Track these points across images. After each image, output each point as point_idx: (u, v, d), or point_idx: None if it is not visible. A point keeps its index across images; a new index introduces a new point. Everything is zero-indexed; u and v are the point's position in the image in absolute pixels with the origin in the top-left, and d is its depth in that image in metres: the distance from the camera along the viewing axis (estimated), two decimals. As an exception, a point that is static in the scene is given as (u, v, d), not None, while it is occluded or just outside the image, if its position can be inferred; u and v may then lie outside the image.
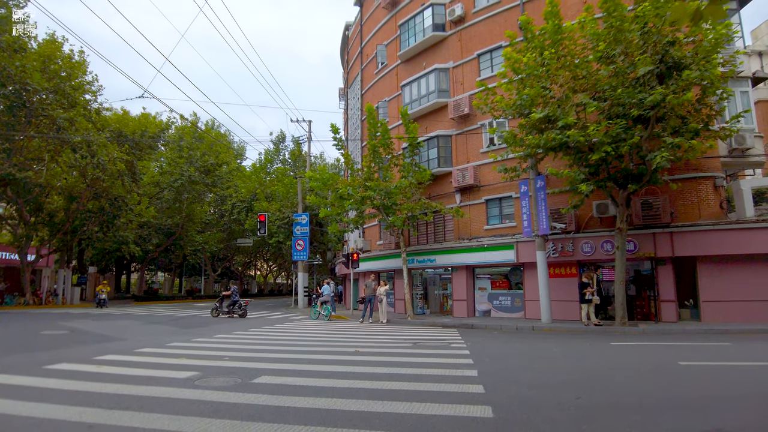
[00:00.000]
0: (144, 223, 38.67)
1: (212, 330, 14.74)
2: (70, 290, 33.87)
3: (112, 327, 15.56)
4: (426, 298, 23.87)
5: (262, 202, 38.23)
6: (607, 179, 15.39)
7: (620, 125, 13.66)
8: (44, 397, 5.66)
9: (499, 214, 20.66)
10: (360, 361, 8.52)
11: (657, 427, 4.70)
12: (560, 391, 6.26)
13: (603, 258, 17.70)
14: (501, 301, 20.46)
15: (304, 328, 16.01)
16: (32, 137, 26.28)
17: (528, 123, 15.35)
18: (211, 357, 8.89)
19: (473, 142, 21.62)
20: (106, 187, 30.66)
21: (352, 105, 33.65)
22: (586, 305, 15.86)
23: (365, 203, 20.89)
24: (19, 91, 23.46)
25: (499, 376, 7.26)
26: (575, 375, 7.54)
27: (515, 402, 5.62)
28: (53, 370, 7.42)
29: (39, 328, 14.60)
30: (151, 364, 8.10)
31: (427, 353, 9.65)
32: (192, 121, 43.90)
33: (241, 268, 69.04)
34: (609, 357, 9.56)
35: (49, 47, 26.75)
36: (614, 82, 14.25)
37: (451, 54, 23.09)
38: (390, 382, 6.64)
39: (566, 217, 18.06)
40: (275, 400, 5.57)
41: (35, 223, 30.54)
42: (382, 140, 20.71)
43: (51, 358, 8.56)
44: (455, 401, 5.55)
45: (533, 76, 15.34)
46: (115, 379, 6.69)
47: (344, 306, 32.12)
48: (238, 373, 7.28)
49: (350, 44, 35.27)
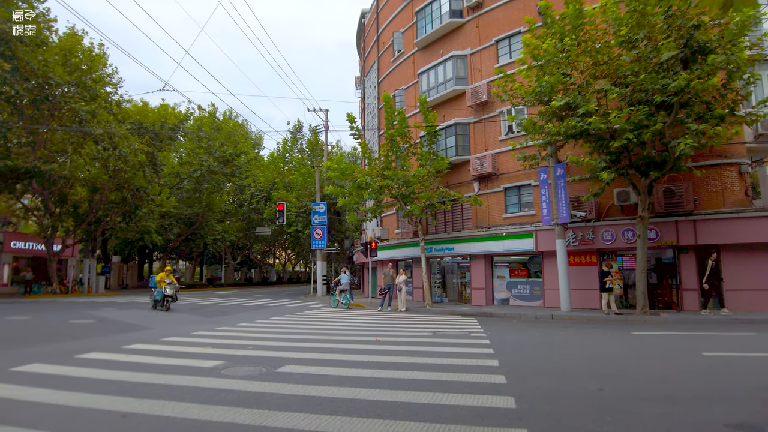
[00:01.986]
0: (165, 213, 39.31)
1: (234, 319, 15.01)
2: (95, 279, 34.63)
3: (137, 316, 15.94)
4: (444, 287, 23.93)
5: (281, 191, 38.56)
6: (629, 167, 15.16)
7: (643, 112, 13.42)
8: (77, 386, 5.86)
9: (518, 203, 20.52)
10: (381, 351, 8.62)
11: (681, 419, 4.69)
12: (582, 381, 6.28)
13: (624, 246, 17.52)
14: (520, 290, 20.41)
15: (324, 316, 16.21)
16: (55, 130, 26.78)
17: (548, 110, 15.17)
18: (235, 346, 9.08)
19: (492, 130, 21.44)
20: (127, 178, 31.17)
21: (369, 93, 33.55)
22: (606, 294, 15.76)
23: (383, 192, 20.93)
24: (42, 84, 23.87)
25: (521, 366, 7.29)
26: (597, 365, 7.54)
27: (537, 392, 5.66)
28: (84, 359, 7.66)
29: (67, 317, 15.02)
30: (178, 353, 8.31)
31: (448, 342, 9.72)
32: (210, 111, 44.27)
33: (260, 256, 69.86)
34: (631, 347, 9.51)
35: (69, 41, 27.11)
36: (636, 67, 13.97)
37: (469, 41, 22.84)
38: (411, 371, 6.72)
39: (586, 205, 17.89)
40: (300, 390, 5.69)
41: (60, 214, 31.23)
42: (399, 129, 20.67)
43: (81, 347, 8.82)
44: (477, 391, 5.61)
45: (553, 63, 15.12)
46: (145, 368, 6.88)
47: (363, 294, 32.35)
48: (262, 362, 7.43)
49: (366, 32, 35.07)
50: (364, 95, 36.06)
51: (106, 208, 33.13)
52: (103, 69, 28.89)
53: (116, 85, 30.44)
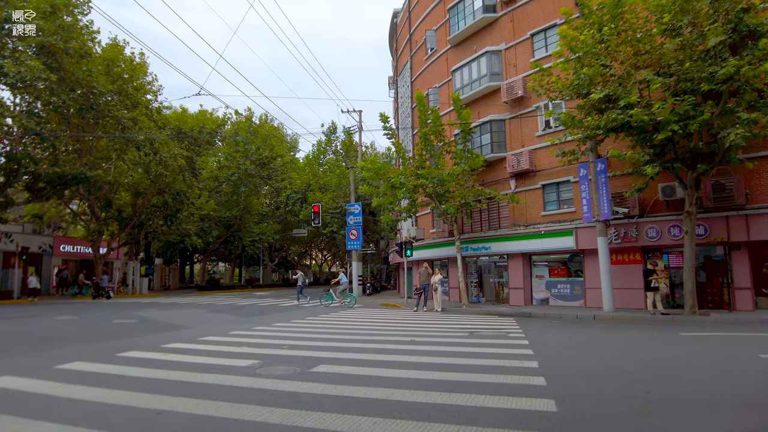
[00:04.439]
0: (204, 216, 40.24)
1: (271, 318, 15.14)
2: (138, 281, 35.76)
3: (178, 316, 16.28)
4: (481, 287, 23.53)
5: (316, 192, 38.88)
6: (674, 160, 14.49)
7: (689, 102, 12.79)
8: (116, 383, 5.95)
9: (556, 200, 19.98)
10: (416, 351, 8.47)
11: (736, 427, 4.36)
12: (628, 384, 5.96)
13: (670, 243, 16.78)
14: (559, 289, 19.86)
15: (359, 316, 16.16)
16: (100, 137, 27.78)
17: (587, 104, 14.65)
18: (270, 345, 9.10)
19: (528, 126, 20.96)
20: (168, 182, 32.08)
21: (402, 93, 33.42)
22: (651, 293, 15.11)
23: (417, 191, 20.73)
24: (87, 94, 24.76)
25: (561, 368, 7.00)
26: (643, 367, 7.15)
27: (580, 395, 5.39)
28: (124, 357, 7.81)
29: (111, 317, 15.48)
30: (214, 352, 8.38)
31: (485, 343, 9.47)
32: (247, 116, 45.09)
33: (297, 257, 70.72)
34: (680, 348, 9.05)
35: (111, 51, 28.07)
36: (681, 55, 13.35)
37: (503, 35, 22.41)
38: (447, 372, 6.54)
39: (629, 201, 17.23)
40: (334, 390, 5.60)
41: (106, 218, 32.39)
42: (433, 127, 20.45)
43: (123, 345, 9.02)
44: (515, 393, 5.39)
45: (591, 54, 14.61)
46: (181, 367, 6.95)
47: (398, 295, 32.21)
48: (296, 361, 7.40)
49: (399, 31, 34.97)
50: (397, 95, 35.95)
51: (148, 212, 34.16)
52: (144, 77, 29.80)
53: (156, 93, 31.38)
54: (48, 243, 33.20)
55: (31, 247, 30.88)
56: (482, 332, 11.34)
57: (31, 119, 22.36)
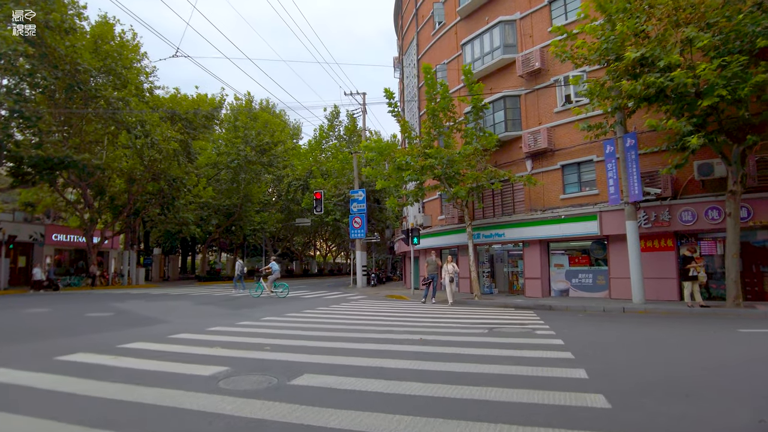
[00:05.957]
0: (203, 204, 38.71)
1: (262, 312, 13.55)
2: (135, 271, 34.40)
3: (161, 308, 14.78)
4: (493, 276, 21.83)
5: (318, 179, 37.24)
6: (718, 132, 12.72)
7: (740, 62, 11.02)
8: (16, 401, 4.39)
9: (577, 181, 18.24)
10: (426, 353, 6.85)
11: None
12: (719, 402, 4.34)
13: (707, 228, 15.07)
14: (581, 279, 18.17)
15: (361, 310, 14.57)
16: (90, 120, 26.28)
17: (619, 67, 12.82)
18: (250, 346, 7.50)
19: (545, 102, 19.17)
20: (163, 168, 30.63)
21: (408, 73, 31.59)
22: (689, 283, 13.42)
23: (425, 173, 18.92)
24: (72, 72, 23.19)
25: (618, 379, 5.34)
26: (723, 377, 5.49)
27: (663, 423, 3.77)
28: (62, 361, 6.26)
29: (87, 310, 14.00)
30: (178, 354, 6.80)
31: (509, 343, 7.80)
32: (246, 100, 43.41)
33: (300, 248, 69.30)
34: (749, 349, 7.39)
35: (101, 28, 26.53)
36: (728, 10, 11.56)
37: (518, 4, 20.56)
38: (467, 386, 4.93)
39: (660, 181, 15.51)
40: (314, 417, 4.00)
41: (99, 206, 30.97)
42: (442, 103, 18.67)
43: (72, 345, 7.48)
44: (571, 420, 3.77)
45: (624, 12, 12.81)
46: (125, 377, 5.38)
47: (405, 286, 30.64)
48: (276, 368, 5.82)
49: (404, 7, 33.07)
50: (403, 75, 34.10)
51: (143, 199, 32.75)
52: (135, 55, 28.21)
53: (149, 74, 29.82)
54: (39, 232, 31.85)
55: (22, 236, 29.54)
56: (503, 329, 9.69)
57: (10, 97, 20.81)
